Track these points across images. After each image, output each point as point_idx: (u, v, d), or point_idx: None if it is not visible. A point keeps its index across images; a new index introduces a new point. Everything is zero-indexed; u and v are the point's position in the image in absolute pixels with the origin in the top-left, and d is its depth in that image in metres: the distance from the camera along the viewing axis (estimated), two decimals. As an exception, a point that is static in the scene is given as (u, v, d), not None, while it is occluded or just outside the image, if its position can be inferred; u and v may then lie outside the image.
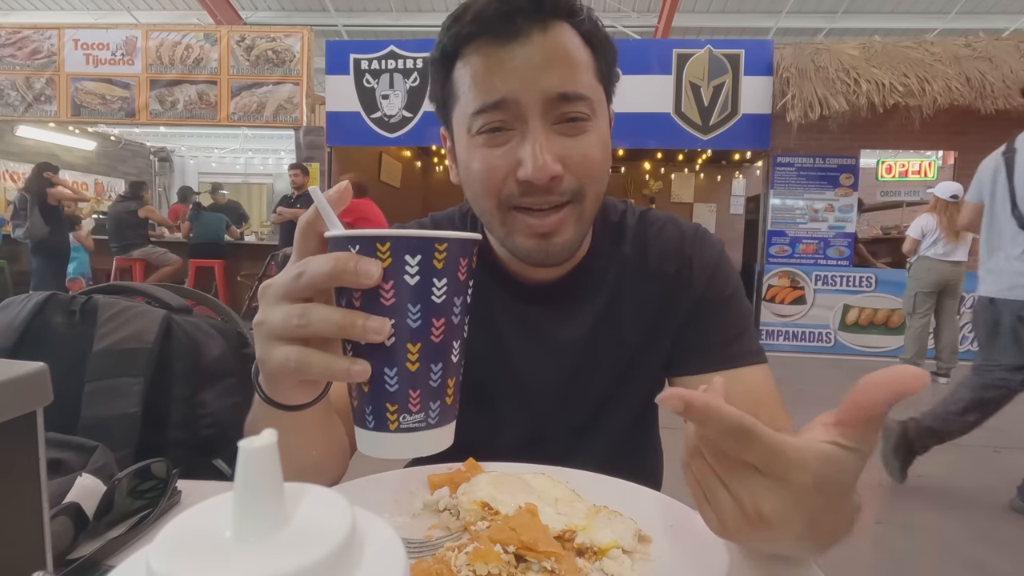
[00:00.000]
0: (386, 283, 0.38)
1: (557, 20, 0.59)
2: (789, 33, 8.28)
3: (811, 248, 5.80)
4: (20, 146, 8.11)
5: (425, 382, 0.39)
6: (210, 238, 6.36)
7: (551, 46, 0.58)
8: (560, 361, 0.72)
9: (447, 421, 0.42)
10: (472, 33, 0.58)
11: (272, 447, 0.19)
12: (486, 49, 0.58)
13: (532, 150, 0.57)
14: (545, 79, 0.57)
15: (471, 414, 0.73)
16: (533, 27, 0.57)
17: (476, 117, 0.60)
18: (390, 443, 0.40)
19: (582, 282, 0.72)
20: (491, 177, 0.60)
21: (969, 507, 2.39)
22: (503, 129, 0.59)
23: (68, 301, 0.80)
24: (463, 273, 0.40)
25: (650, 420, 0.81)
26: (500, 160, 0.60)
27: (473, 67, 0.59)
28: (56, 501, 0.48)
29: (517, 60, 0.57)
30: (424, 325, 0.39)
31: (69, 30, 6.34)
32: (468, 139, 0.62)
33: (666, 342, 0.72)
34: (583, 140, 0.60)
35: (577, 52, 0.60)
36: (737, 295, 0.72)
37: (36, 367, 0.38)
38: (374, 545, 0.20)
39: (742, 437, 0.34)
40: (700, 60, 5.69)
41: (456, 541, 0.47)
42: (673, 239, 0.73)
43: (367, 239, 0.38)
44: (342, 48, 6.10)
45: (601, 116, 0.63)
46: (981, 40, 5.42)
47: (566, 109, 0.59)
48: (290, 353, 0.39)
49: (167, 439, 0.77)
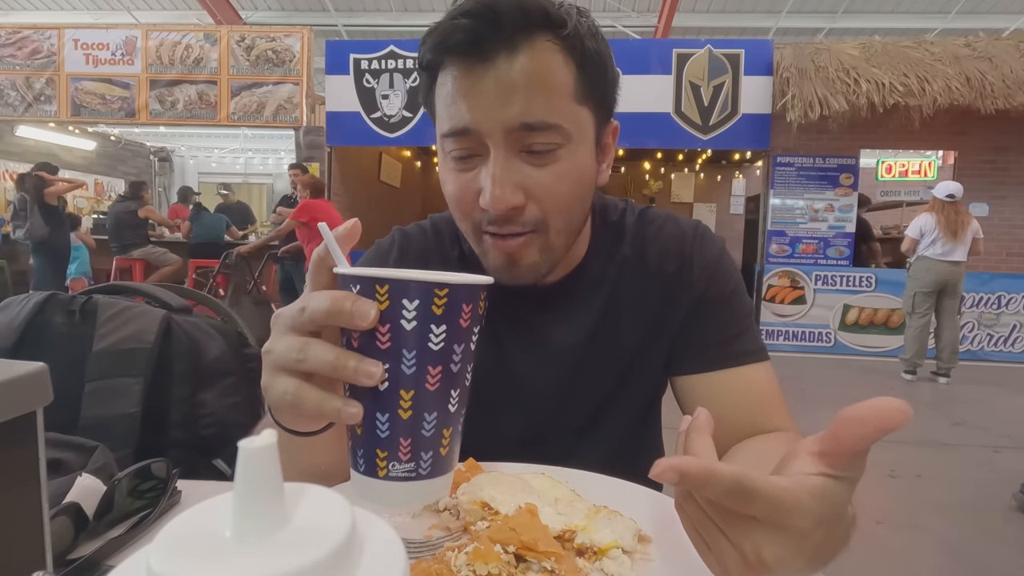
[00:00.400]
0: (383, 326, 0.36)
1: (534, 36, 0.55)
2: (789, 33, 8.28)
3: (811, 248, 5.80)
4: (20, 146, 8.11)
5: (417, 431, 0.38)
6: (210, 238, 6.36)
7: (518, 72, 0.55)
8: (559, 363, 0.72)
9: (440, 473, 0.39)
10: (447, 47, 0.57)
11: (272, 447, 0.19)
12: (455, 71, 0.57)
13: (492, 179, 0.56)
14: (507, 109, 0.55)
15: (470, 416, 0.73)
16: (500, 51, 0.55)
17: (445, 140, 0.60)
18: (378, 490, 0.38)
19: (581, 283, 0.72)
20: (462, 201, 0.60)
21: (969, 507, 2.39)
22: (471, 155, 0.59)
23: (68, 301, 0.80)
24: (465, 320, 0.38)
25: (651, 420, 0.81)
26: (468, 185, 0.59)
27: (445, 88, 0.58)
28: (56, 501, 0.48)
29: (483, 86, 0.55)
30: (419, 372, 0.37)
31: (69, 30, 6.34)
32: (443, 156, 0.62)
33: (666, 341, 0.71)
34: (550, 170, 0.58)
35: (549, 75, 0.56)
36: (738, 293, 0.72)
37: (36, 367, 0.38)
38: (374, 545, 0.20)
39: (742, 496, 0.33)
40: (700, 60, 5.69)
41: (456, 541, 0.47)
42: (673, 238, 0.73)
43: (367, 280, 0.37)
44: (342, 48, 6.09)
45: (580, 140, 0.60)
46: (981, 40, 5.42)
47: (531, 140, 0.57)
48: (288, 386, 0.39)
49: (167, 439, 0.77)
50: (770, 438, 0.63)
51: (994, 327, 5.54)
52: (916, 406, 1.58)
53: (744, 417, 0.66)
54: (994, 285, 5.51)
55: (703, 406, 0.68)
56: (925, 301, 4.46)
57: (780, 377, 0.68)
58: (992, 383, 4.66)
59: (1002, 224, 5.70)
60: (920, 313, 4.48)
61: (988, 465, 2.88)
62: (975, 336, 5.56)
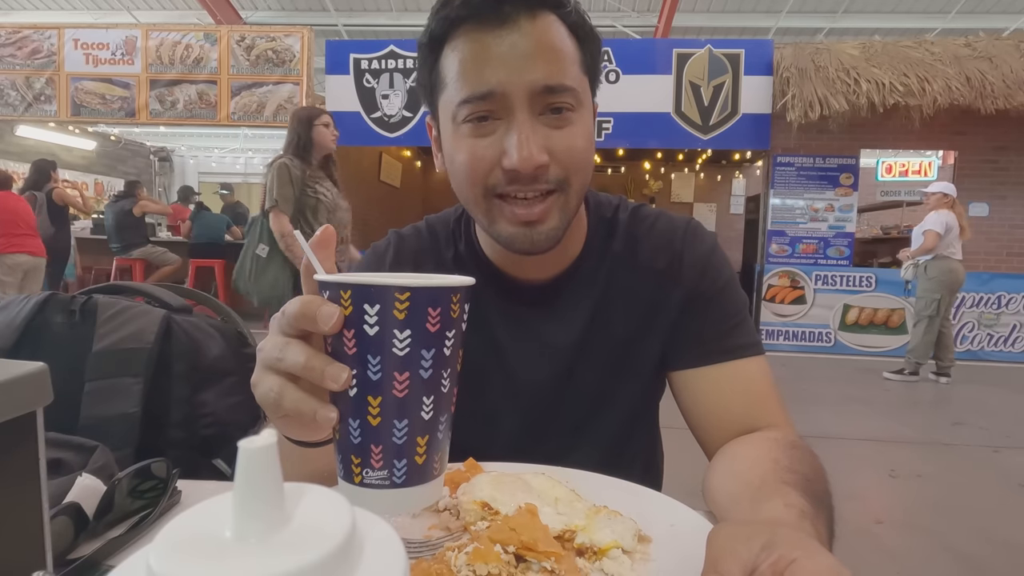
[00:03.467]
0: (348, 331, 0.37)
1: (544, 10, 0.59)
2: (789, 33, 8.28)
3: (811, 248, 5.80)
4: (20, 146, 8.12)
5: (388, 438, 0.37)
6: (211, 238, 6.36)
7: (539, 35, 0.58)
8: (554, 361, 0.72)
9: (417, 482, 0.39)
10: (460, 17, 0.59)
11: (272, 447, 0.19)
12: (474, 35, 0.59)
13: (518, 140, 0.58)
14: (532, 70, 0.58)
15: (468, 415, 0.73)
16: (521, 14, 0.58)
17: (462, 106, 0.60)
18: (356, 496, 0.38)
19: (575, 280, 0.72)
20: (477, 166, 0.61)
21: (969, 507, 2.39)
22: (489, 119, 0.60)
23: (68, 301, 0.80)
24: (433, 325, 0.37)
25: (649, 419, 0.81)
26: (486, 150, 0.60)
27: (461, 54, 0.59)
28: (56, 501, 0.48)
29: (504, 48, 0.58)
30: (385, 378, 0.37)
31: (69, 30, 6.34)
32: (454, 128, 0.62)
33: (660, 337, 0.71)
34: (568, 131, 0.61)
35: (564, 43, 0.60)
36: (730, 287, 0.72)
37: (36, 367, 0.38)
38: (374, 545, 0.20)
39: None
40: (700, 60, 5.69)
41: (456, 541, 0.47)
42: (664, 233, 0.73)
43: (333, 285, 0.37)
44: (342, 48, 6.10)
45: (586, 107, 0.63)
46: (981, 40, 5.42)
47: (552, 100, 0.59)
48: (273, 384, 0.39)
49: (167, 439, 0.77)
50: (757, 448, 0.59)
51: (994, 327, 5.54)
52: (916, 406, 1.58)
53: (739, 410, 0.66)
54: (994, 285, 5.51)
55: (699, 400, 0.69)
56: (950, 304, 4.41)
57: (780, 377, 0.68)
58: (992, 383, 4.67)
59: (1002, 224, 5.70)
60: (942, 315, 4.39)
61: (988, 465, 2.88)
62: (975, 336, 5.56)
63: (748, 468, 0.54)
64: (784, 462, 0.52)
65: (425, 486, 0.39)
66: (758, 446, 0.58)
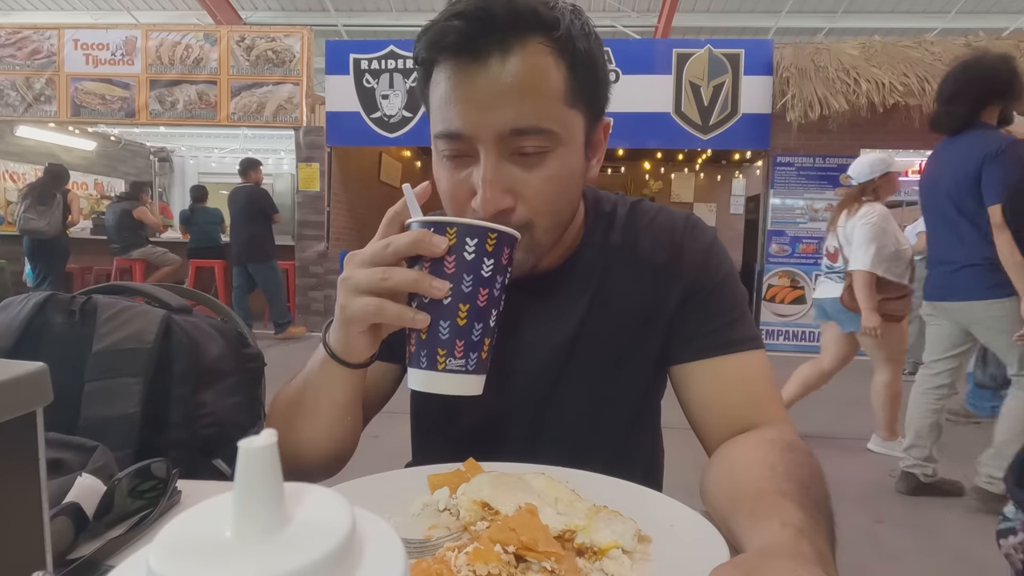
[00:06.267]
0: (449, 256, 0.50)
1: (526, 38, 0.56)
2: (789, 33, 8.28)
3: (811, 248, 5.80)
4: (20, 146, 8.11)
5: (468, 336, 0.52)
6: (205, 242, 6.28)
7: (512, 75, 0.56)
8: (553, 354, 0.72)
9: (481, 372, 0.54)
10: (440, 47, 0.58)
11: (272, 447, 0.19)
12: (449, 70, 0.58)
13: (481, 184, 0.58)
14: (501, 113, 0.56)
15: (468, 415, 0.73)
16: (493, 51, 0.56)
17: (437, 140, 0.61)
18: (437, 380, 0.52)
19: (573, 273, 0.72)
20: (455, 199, 0.62)
21: (969, 507, 2.39)
22: (462, 156, 0.60)
23: (68, 301, 0.79)
24: (506, 259, 0.53)
25: (650, 418, 0.81)
26: (461, 186, 0.61)
27: (439, 87, 0.59)
28: (56, 501, 0.48)
29: (475, 89, 0.57)
30: (473, 291, 0.51)
31: (69, 30, 6.34)
32: (437, 153, 0.63)
33: (659, 331, 0.71)
34: (539, 173, 0.59)
35: (542, 80, 0.57)
36: (730, 281, 0.72)
37: (36, 367, 0.38)
38: (374, 545, 0.20)
39: None
40: (700, 60, 5.69)
41: (456, 541, 0.47)
42: (664, 227, 0.73)
43: (440, 224, 0.51)
44: (342, 48, 6.10)
45: (569, 142, 0.61)
46: (981, 40, 5.42)
47: (521, 144, 0.58)
48: (371, 302, 0.52)
49: (167, 439, 0.77)
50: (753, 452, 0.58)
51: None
52: (916, 406, 1.53)
53: (738, 403, 0.66)
54: (994, 285, 5.50)
55: (698, 393, 0.69)
56: None
57: (780, 377, 0.68)
58: (992, 383, 4.66)
59: (1002, 224, 5.70)
60: None
61: (988, 465, 2.87)
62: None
63: (744, 476, 0.54)
64: (781, 468, 0.52)
65: (482, 376, 0.54)
66: (754, 450, 0.57)
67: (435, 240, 0.50)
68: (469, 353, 0.52)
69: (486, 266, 0.51)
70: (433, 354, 0.51)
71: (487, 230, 0.50)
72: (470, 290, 0.51)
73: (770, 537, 0.42)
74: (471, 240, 0.50)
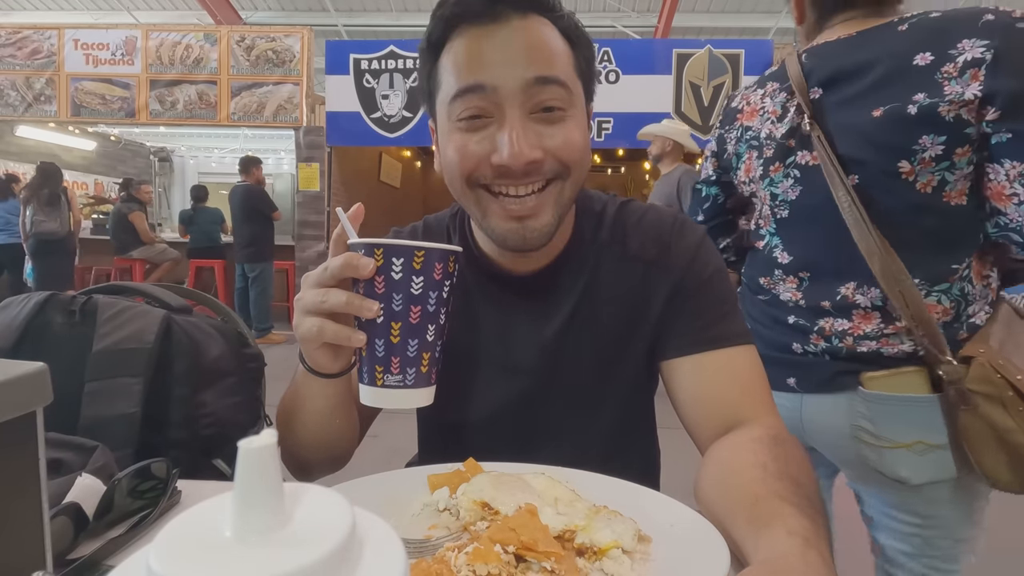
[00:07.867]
0: (379, 277, 0.52)
1: (535, 13, 0.61)
2: (789, 33, 8.27)
3: (811, 248, 5.79)
4: (20, 146, 8.12)
5: (404, 352, 0.53)
6: (205, 242, 6.27)
7: (530, 32, 0.60)
8: (544, 352, 0.73)
9: (422, 385, 0.55)
10: (456, 15, 0.61)
11: (272, 447, 0.19)
12: (468, 33, 0.61)
13: (509, 138, 0.59)
14: (523, 64, 0.59)
15: (464, 411, 0.74)
16: (513, 14, 0.60)
17: (455, 102, 0.61)
18: (379, 396, 0.54)
19: (562, 270, 0.73)
20: (464, 160, 0.62)
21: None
22: (482, 117, 0.61)
23: (68, 301, 0.79)
24: (438, 275, 0.53)
25: (644, 416, 0.81)
26: (476, 146, 0.61)
27: (455, 52, 0.61)
28: (56, 501, 0.48)
29: (496, 44, 0.59)
30: (404, 309, 0.52)
31: (69, 30, 6.33)
32: (448, 125, 0.63)
33: (648, 327, 0.72)
34: (562, 127, 0.62)
35: (555, 42, 0.62)
36: (718, 277, 0.72)
37: (36, 367, 0.38)
38: (374, 545, 0.20)
39: None
40: (700, 60, 5.69)
41: (456, 541, 0.47)
42: (653, 225, 0.74)
43: (368, 246, 0.52)
44: (342, 48, 6.09)
45: (579, 109, 0.64)
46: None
47: (543, 96, 0.60)
48: (315, 322, 0.55)
49: (167, 439, 0.77)
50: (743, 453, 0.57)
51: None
52: (916, 406, 1.49)
53: (728, 398, 0.66)
54: (994, 285, 5.50)
55: (688, 388, 0.69)
56: None
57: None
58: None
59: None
60: None
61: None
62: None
63: (737, 481, 0.53)
64: (772, 467, 0.52)
65: (426, 389, 0.55)
66: (744, 451, 0.57)
67: (362, 262, 0.52)
68: (406, 369, 0.53)
69: (415, 284, 0.52)
70: (372, 370, 0.53)
71: (413, 249, 0.51)
72: (400, 308, 0.52)
73: (777, 546, 0.42)
74: (397, 260, 0.51)
